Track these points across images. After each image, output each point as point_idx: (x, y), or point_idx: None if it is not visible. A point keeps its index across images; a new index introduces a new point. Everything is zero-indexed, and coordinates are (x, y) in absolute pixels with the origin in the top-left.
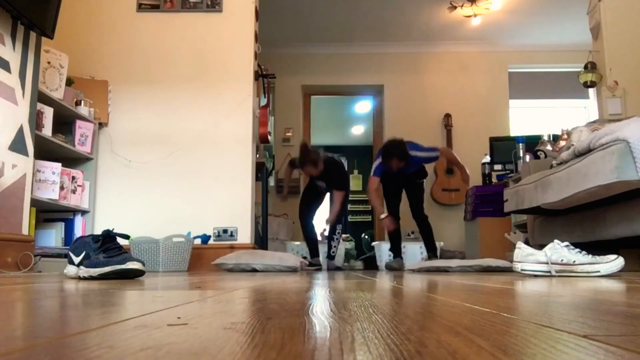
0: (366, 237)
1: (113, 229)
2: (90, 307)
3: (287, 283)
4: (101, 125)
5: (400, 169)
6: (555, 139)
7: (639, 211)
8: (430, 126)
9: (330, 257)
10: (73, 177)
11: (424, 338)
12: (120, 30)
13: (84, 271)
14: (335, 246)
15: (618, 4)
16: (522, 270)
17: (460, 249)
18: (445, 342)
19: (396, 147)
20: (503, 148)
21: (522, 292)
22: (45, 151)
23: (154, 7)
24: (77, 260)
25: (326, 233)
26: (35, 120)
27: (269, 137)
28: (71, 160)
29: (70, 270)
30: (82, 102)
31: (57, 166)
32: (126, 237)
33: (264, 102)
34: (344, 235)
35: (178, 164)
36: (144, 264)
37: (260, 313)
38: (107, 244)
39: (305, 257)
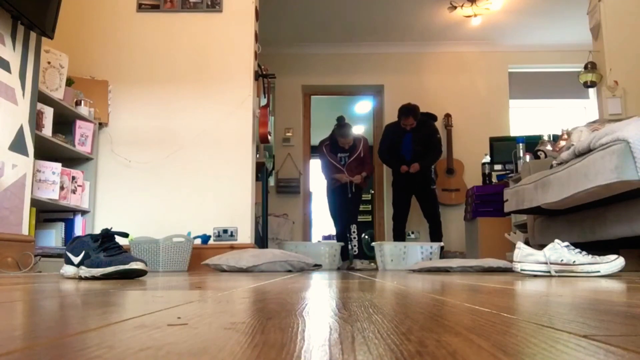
0: (366, 237)
1: (111, 228)
2: (90, 307)
3: (287, 283)
4: (101, 125)
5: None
6: (555, 139)
7: (639, 211)
8: None
9: (349, 257)
10: (73, 177)
11: (424, 338)
12: (120, 30)
13: (85, 271)
14: (355, 245)
15: (618, 4)
16: (521, 270)
17: (461, 249)
18: (445, 342)
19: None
20: (503, 148)
21: (522, 292)
22: (45, 151)
23: (154, 7)
24: (76, 260)
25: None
26: (35, 120)
27: (269, 137)
28: (71, 160)
29: (68, 270)
30: (82, 102)
31: (57, 166)
32: (125, 235)
33: (264, 102)
34: None
35: (178, 164)
36: (146, 264)
37: (260, 313)
38: (107, 243)
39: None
